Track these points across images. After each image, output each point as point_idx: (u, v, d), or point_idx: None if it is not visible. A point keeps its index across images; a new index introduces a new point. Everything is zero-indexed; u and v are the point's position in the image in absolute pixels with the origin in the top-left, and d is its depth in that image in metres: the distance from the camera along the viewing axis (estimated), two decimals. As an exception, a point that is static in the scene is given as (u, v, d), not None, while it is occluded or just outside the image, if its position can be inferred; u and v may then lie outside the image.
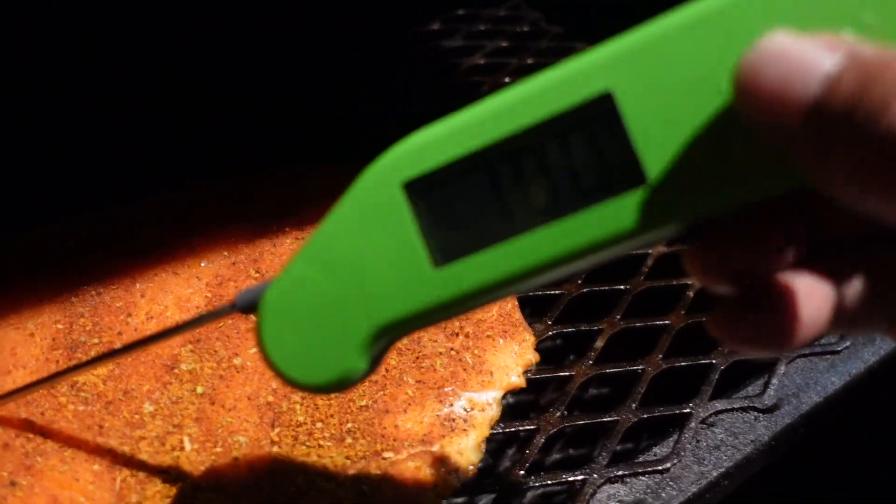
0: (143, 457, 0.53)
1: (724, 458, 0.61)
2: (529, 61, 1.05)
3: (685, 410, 0.64)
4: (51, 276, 0.59)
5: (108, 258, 0.61)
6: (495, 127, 0.33)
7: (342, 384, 0.38)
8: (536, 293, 0.72)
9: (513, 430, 0.63)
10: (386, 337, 0.37)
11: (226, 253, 0.63)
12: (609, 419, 0.63)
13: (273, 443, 0.56)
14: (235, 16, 0.98)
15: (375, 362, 0.39)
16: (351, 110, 0.94)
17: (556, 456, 0.73)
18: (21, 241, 0.62)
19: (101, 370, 0.55)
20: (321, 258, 0.36)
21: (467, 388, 0.61)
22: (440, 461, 0.57)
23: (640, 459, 0.61)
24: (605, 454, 0.60)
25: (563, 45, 1.09)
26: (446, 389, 0.61)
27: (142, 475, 0.52)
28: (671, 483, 0.59)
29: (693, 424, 0.63)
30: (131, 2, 0.90)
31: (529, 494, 0.58)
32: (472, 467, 0.58)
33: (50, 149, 0.80)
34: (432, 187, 0.34)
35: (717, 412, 0.64)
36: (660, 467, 0.60)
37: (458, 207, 0.34)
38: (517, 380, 0.63)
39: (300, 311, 0.37)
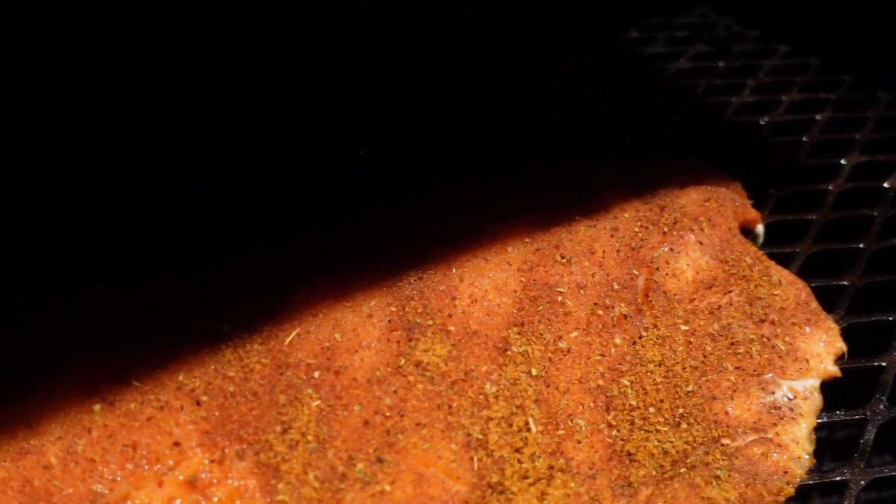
0: (494, 437, 0.52)
1: None
2: (736, 63, 1.03)
3: None
4: (375, 262, 0.60)
5: (423, 246, 0.61)
6: None
7: None
8: (817, 283, 0.70)
9: (839, 419, 0.60)
10: None
11: (527, 240, 0.63)
12: (943, 409, 0.59)
13: (611, 426, 0.55)
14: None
15: None
16: (573, 112, 0.94)
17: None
18: (344, 230, 0.64)
19: (441, 351, 0.55)
20: None
21: (786, 375, 0.59)
22: (780, 449, 0.55)
23: None
24: (946, 445, 0.57)
25: (765, 47, 1.07)
26: (766, 377, 0.59)
27: (497, 455, 0.52)
28: None
29: None
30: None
31: (872, 482, 0.55)
32: (807, 455, 0.55)
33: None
34: None
35: None
36: None
37: None
38: (833, 369, 0.61)
39: None
